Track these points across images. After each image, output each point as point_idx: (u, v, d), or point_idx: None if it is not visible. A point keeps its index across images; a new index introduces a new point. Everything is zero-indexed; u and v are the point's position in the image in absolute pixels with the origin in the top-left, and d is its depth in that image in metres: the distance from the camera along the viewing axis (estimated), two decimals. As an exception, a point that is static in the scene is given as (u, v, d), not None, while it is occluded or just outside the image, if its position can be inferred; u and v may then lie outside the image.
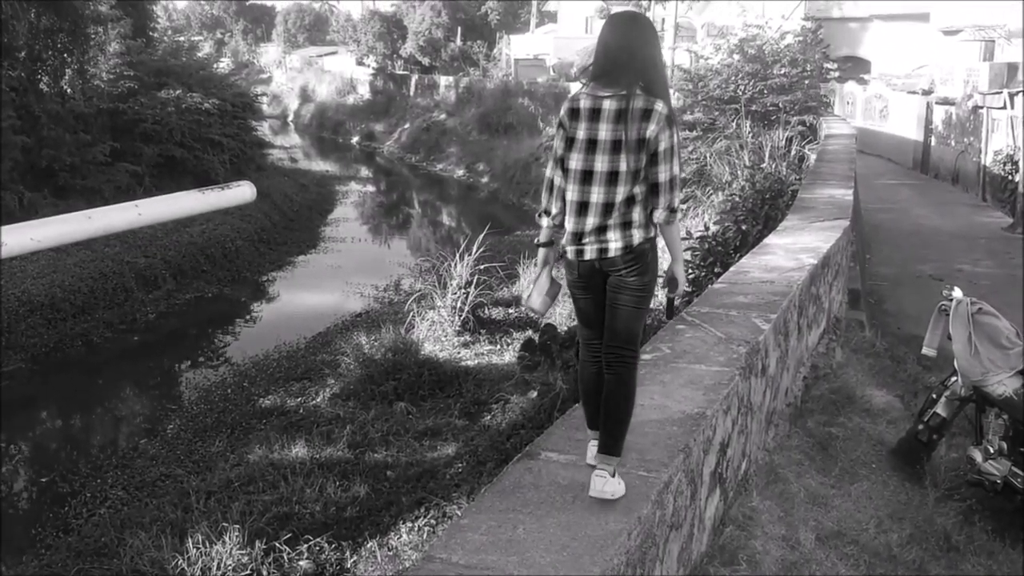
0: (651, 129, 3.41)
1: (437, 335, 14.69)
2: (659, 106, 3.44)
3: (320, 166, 40.52)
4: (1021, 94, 19.16)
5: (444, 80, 46.78)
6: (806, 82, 18.23)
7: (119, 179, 21.60)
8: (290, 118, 58.14)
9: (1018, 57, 22.51)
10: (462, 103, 43.24)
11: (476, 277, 15.03)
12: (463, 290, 14.88)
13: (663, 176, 3.46)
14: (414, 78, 49.94)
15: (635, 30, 3.57)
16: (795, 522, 4.90)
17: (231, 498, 9.80)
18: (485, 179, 35.07)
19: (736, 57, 18.36)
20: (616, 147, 3.44)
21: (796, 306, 6.57)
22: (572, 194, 3.53)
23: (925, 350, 6.74)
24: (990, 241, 17.46)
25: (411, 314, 15.04)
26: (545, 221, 3.73)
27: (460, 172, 37.32)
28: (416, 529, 8.99)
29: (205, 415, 13.13)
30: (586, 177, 3.49)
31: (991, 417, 6.17)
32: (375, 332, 14.51)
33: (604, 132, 3.46)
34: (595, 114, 3.48)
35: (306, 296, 19.68)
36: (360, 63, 55.16)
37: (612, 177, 3.45)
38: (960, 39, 26.25)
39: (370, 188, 37.37)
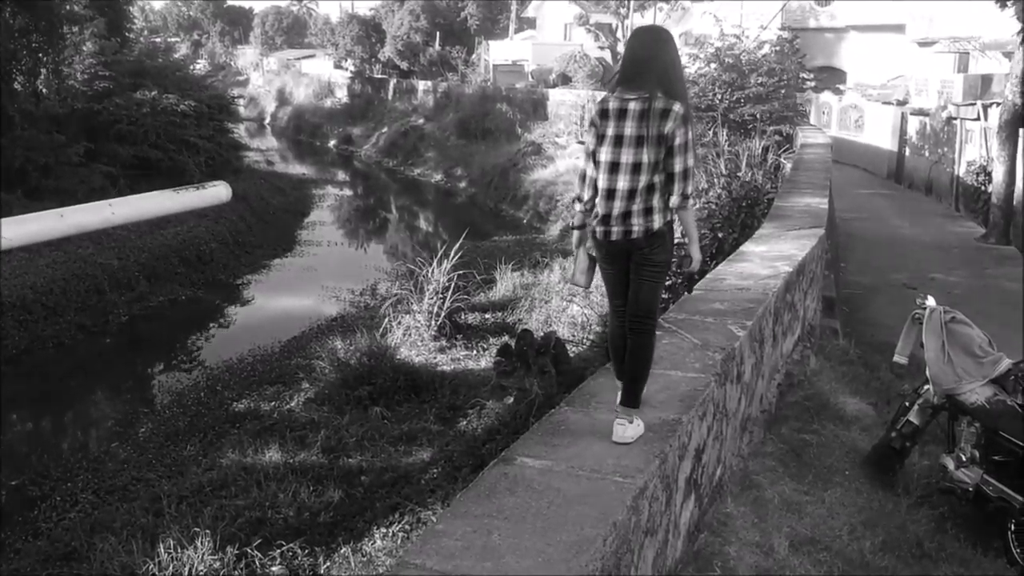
0: (669, 127, 3.97)
1: (413, 340, 14.64)
2: (676, 107, 4.00)
3: (297, 169, 40.34)
4: (994, 106, 19.36)
5: (422, 85, 46.73)
6: (782, 92, 18.32)
7: (93, 180, 21.39)
8: (267, 121, 57.88)
9: (992, 69, 22.77)
10: (440, 108, 43.20)
11: (453, 282, 14.99)
12: (440, 295, 14.84)
13: (678, 167, 4.02)
14: (392, 82, 49.85)
15: (657, 42, 4.17)
16: (769, 528, 4.91)
17: (203, 503, 9.68)
18: (463, 184, 35.03)
19: (713, 66, 18.43)
20: (640, 142, 4.00)
21: (771, 313, 6.60)
22: (602, 182, 4.11)
23: (897, 358, 6.80)
24: (963, 251, 17.65)
25: (387, 319, 14.98)
26: (578, 207, 4.29)
27: (438, 177, 37.26)
28: (390, 535, 8.93)
29: (178, 419, 12.99)
30: (614, 168, 4.06)
31: (963, 425, 6.22)
32: (350, 336, 14.44)
33: (629, 129, 4.03)
34: (622, 114, 4.06)
35: (281, 300, 19.56)
36: (338, 66, 55.03)
37: (636, 168, 4.02)
38: (935, 50, 26.54)
39: (347, 192, 37.24)
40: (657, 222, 4.05)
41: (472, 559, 2.90)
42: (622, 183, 4.03)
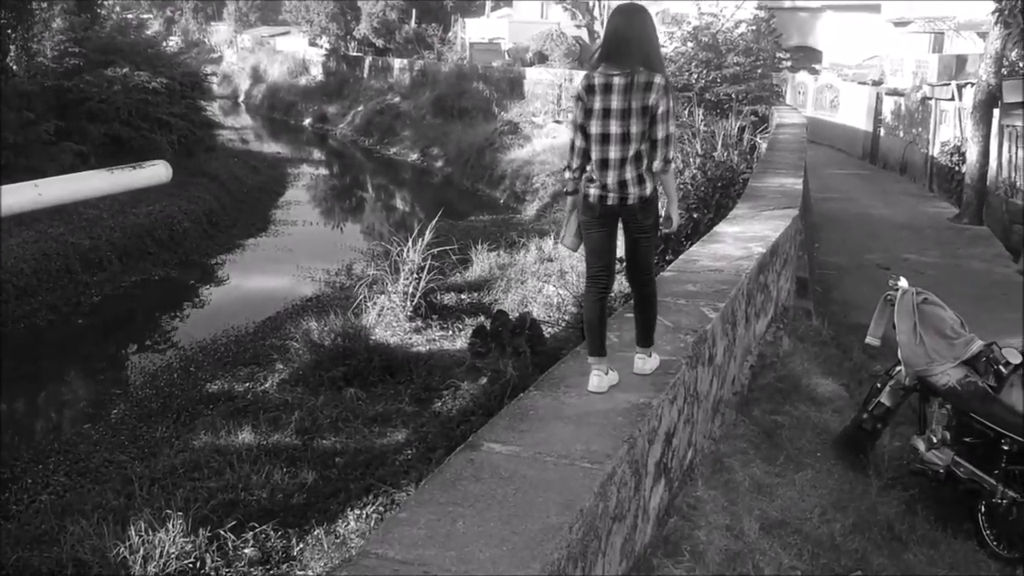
0: (652, 98, 4.28)
1: (388, 320, 14.56)
2: (658, 79, 4.31)
3: (271, 147, 39.94)
4: (969, 86, 19.42)
5: (398, 63, 46.32)
6: (759, 71, 18.29)
7: (64, 159, 21.04)
8: (241, 98, 57.24)
9: (967, 49, 22.84)
10: (416, 86, 42.86)
11: (428, 262, 14.91)
12: (415, 275, 14.76)
13: (661, 134, 4.33)
14: (368, 60, 49.40)
15: (637, 19, 4.43)
16: (740, 512, 4.91)
17: (175, 485, 9.59)
18: (439, 163, 34.80)
19: (690, 45, 18.36)
20: (626, 114, 4.30)
21: (744, 295, 6.59)
22: (595, 153, 4.40)
23: (869, 339, 6.80)
24: (936, 231, 17.73)
25: (362, 299, 14.89)
26: (568, 174, 4.58)
27: (414, 156, 37.02)
28: (364, 516, 8.91)
29: (150, 400, 12.88)
30: (604, 139, 4.36)
31: (935, 407, 6.24)
32: (325, 317, 14.34)
33: (615, 102, 4.31)
34: (607, 88, 4.33)
35: (256, 279, 19.41)
36: (313, 44, 54.44)
37: (624, 138, 4.32)
38: (910, 31, 26.57)
39: (322, 171, 36.92)
40: (649, 188, 4.38)
41: (436, 548, 2.86)
42: (613, 153, 4.33)
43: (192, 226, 22.05)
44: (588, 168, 4.46)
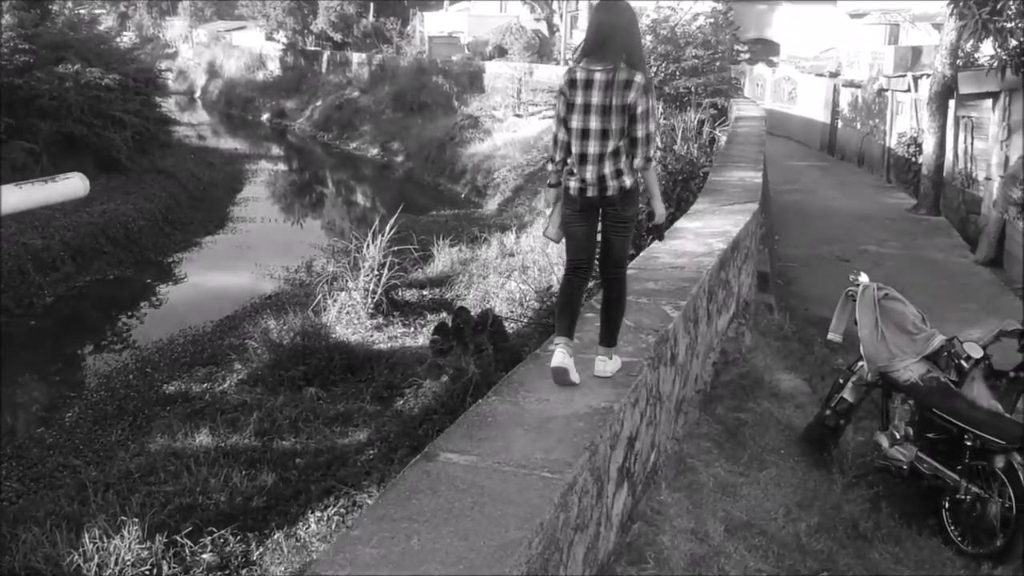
0: (632, 96, 4.31)
1: (349, 318, 14.41)
2: (638, 77, 4.33)
3: (229, 144, 39.51)
4: (924, 77, 19.57)
5: (357, 57, 45.99)
6: (717, 64, 18.32)
7: (15, 157, 20.63)
8: (197, 94, 56.62)
9: (922, 41, 23.03)
10: (375, 81, 42.57)
11: (389, 259, 14.77)
12: (376, 272, 14.62)
13: (641, 132, 4.37)
14: (326, 54, 49.01)
15: (619, 15, 4.45)
16: (704, 514, 4.84)
17: (131, 490, 9.39)
18: (400, 158, 34.61)
19: (648, 39, 18.33)
20: (606, 110, 4.33)
21: (706, 292, 6.53)
22: (575, 147, 4.45)
23: (831, 336, 6.78)
24: (895, 222, 17.87)
25: (322, 297, 14.72)
26: (551, 167, 4.63)
27: (374, 151, 36.76)
28: (325, 519, 8.79)
29: (106, 402, 12.65)
30: (584, 134, 4.40)
31: (897, 403, 6.23)
32: (284, 315, 14.16)
33: (596, 98, 4.34)
34: (589, 84, 4.37)
35: (213, 278, 19.13)
36: (270, 38, 53.94)
37: (604, 133, 4.36)
38: (866, 22, 26.79)
39: (281, 167, 36.56)
40: (628, 182, 4.42)
41: (389, 568, 2.73)
42: (593, 148, 4.37)
43: (148, 224, 21.71)
44: (569, 161, 4.51)
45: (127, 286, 19.07)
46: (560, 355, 4.35)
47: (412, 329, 14.26)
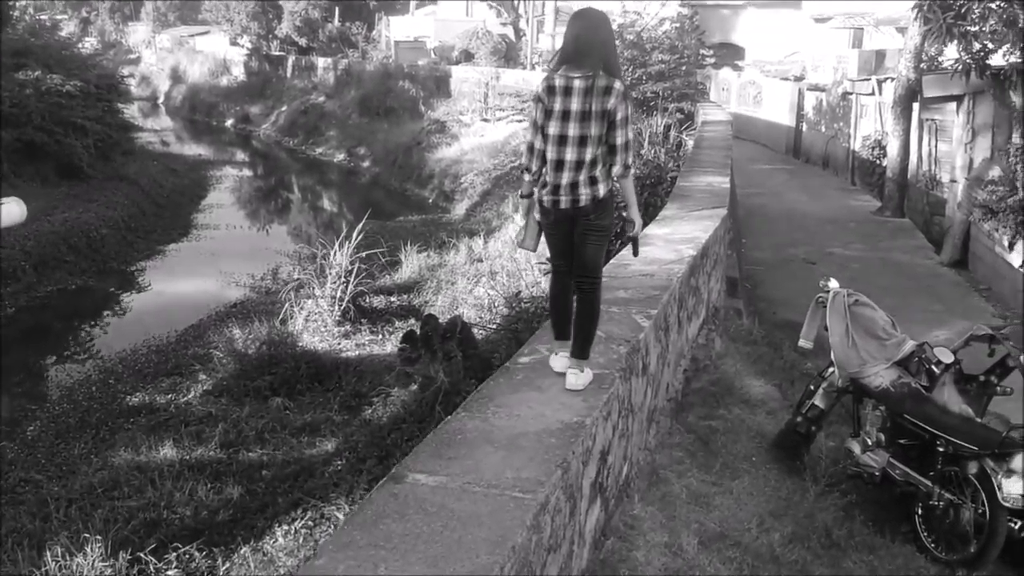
0: (611, 103, 4.31)
1: (316, 326, 14.28)
2: (617, 84, 4.34)
3: (193, 150, 39.12)
4: (888, 81, 19.72)
5: (322, 62, 45.72)
6: (683, 69, 18.35)
7: (-26, 166, 20.36)
8: (160, 100, 56.05)
9: (886, 44, 23.22)
10: (341, 85, 42.32)
11: (357, 265, 14.64)
12: (343, 279, 14.49)
13: (620, 140, 4.37)
14: (291, 59, 48.69)
15: (598, 23, 4.51)
16: (677, 527, 4.77)
17: (94, 505, 9.26)
18: (366, 163, 34.43)
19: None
20: (585, 116, 4.32)
21: (676, 300, 6.48)
22: (551, 154, 4.40)
23: (802, 342, 6.76)
24: (860, 224, 17.99)
25: (288, 304, 14.56)
26: (527, 177, 4.55)
27: (340, 156, 36.55)
28: (292, 532, 8.66)
29: (68, 415, 12.47)
30: (562, 140, 4.37)
31: (868, 409, 6.20)
32: (250, 324, 13.98)
33: (575, 105, 4.33)
34: (568, 91, 4.34)
35: (178, 286, 18.89)
36: (234, 43, 53.49)
37: (582, 140, 4.34)
38: (830, 26, 26.99)
39: (246, 173, 36.26)
40: (602, 190, 4.39)
41: (356, 598, 2.64)
42: (570, 155, 4.34)
43: (110, 232, 21.45)
44: (543, 170, 4.47)
45: (90, 295, 18.80)
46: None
47: (380, 336, 14.15)
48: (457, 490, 3.27)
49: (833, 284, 6.57)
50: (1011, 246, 12.88)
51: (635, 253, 5.28)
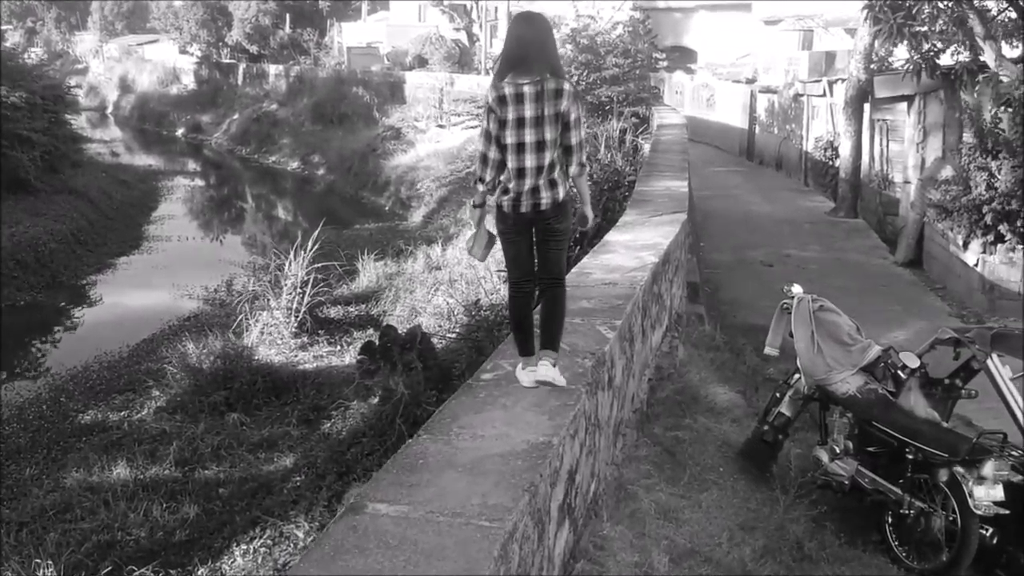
0: (564, 105, 4.34)
1: (272, 338, 14.08)
2: (567, 86, 4.39)
3: (143, 160, 38.54)
4: (839, 82, 19.87)
5: (274, 69, 45.30)
6: (637, 72, 18.35)
7: (-86, 181, 19.82)
8: (109, 110, 55.24)
9: (835, 46, 23.43)
10: (294, 93, 41.94)
11: (313, 275, 14.43)
12: (299, 289, 14.29)
13: (574, 140, 4.43)
14: (242, 67, 48.18)
15: (539, 26, 4.51)
16: (647, 545, 4.65)
17: (46, 528, 9.07)
18: (321, 171, 34.13)
19: (569, 47, 18.28)
20: (539, 122, 4.32)
21: (640, 308, 6.38)
22: (512, 163, 4.38)
23: (768, 350, 6.68)
24: (815, 225, 18.09)
25: (243, 317, 14.30)
26: (480, 187, 4.53)
27: (294, 164, 36.19)
28: (251, 551, 8.55)
29: (18, 435, 12.13)
30: (519, 148, 4.35)
31: (835, 416, 6.14)
32: (204, 337, 13.70)
33: (528, 111, 4.31)
34: (519, 98, 4.32)
35: (130, 300, 18.52)
36: (184, 51, 52.89)
37: (540, 146, 4.34)
38: (781, 29, 27.20)
39: (198, 183, 35.78)
40: (562, 193, 4.42)
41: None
42: (530, 161, 4.34)
43: (59, 246, 21.05)
44: (502, 178, 4.44)
45: (39, 311, 18.43)
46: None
47: (338, 347, 14.00)
48: (420, 520, 3.12)
49: (797, 290, 6.51)
50: (965, 245, 12.97)
51: (579, 245, 5.28)
